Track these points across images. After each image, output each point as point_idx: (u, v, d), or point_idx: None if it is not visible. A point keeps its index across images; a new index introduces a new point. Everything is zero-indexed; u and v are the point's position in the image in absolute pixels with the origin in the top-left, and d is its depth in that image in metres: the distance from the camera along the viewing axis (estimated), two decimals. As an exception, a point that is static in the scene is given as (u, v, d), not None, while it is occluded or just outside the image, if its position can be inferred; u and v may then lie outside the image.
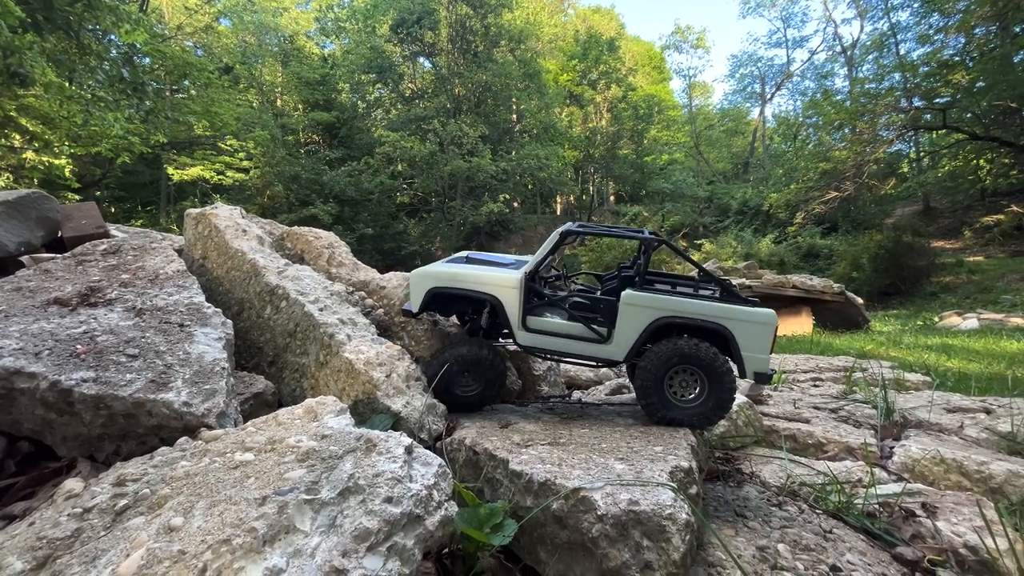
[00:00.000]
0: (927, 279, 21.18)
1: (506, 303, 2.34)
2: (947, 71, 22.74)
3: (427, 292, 2.44)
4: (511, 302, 2.33)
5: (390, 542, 1.12)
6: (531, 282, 2.35)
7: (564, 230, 2.44)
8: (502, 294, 2.34)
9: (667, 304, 2.16)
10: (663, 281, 2.60)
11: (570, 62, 40.67)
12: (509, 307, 2.34)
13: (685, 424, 2.13)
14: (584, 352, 2.31)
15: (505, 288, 2.34)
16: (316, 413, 1.57)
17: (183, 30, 24.93)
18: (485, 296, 2.37)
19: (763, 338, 2.12)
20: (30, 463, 1.75)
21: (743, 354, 2.12)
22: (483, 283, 2.38)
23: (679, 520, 1.28)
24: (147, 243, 2.84)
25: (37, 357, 1.70)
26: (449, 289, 2.42)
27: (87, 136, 12.90)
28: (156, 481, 1.36)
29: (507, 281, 2.34)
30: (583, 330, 2.28)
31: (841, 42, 40.17)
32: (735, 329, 2.11)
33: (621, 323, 2.21)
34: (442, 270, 2.49)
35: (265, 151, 27.34)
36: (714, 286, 2.40)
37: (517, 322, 2.33)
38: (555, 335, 2.32)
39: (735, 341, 2.11)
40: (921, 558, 1.70)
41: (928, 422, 3.10)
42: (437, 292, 2.43)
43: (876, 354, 6.81)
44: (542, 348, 2.35)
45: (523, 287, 2.32)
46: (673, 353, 2.12)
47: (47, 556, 1.15)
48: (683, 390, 2.19)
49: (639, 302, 2.18)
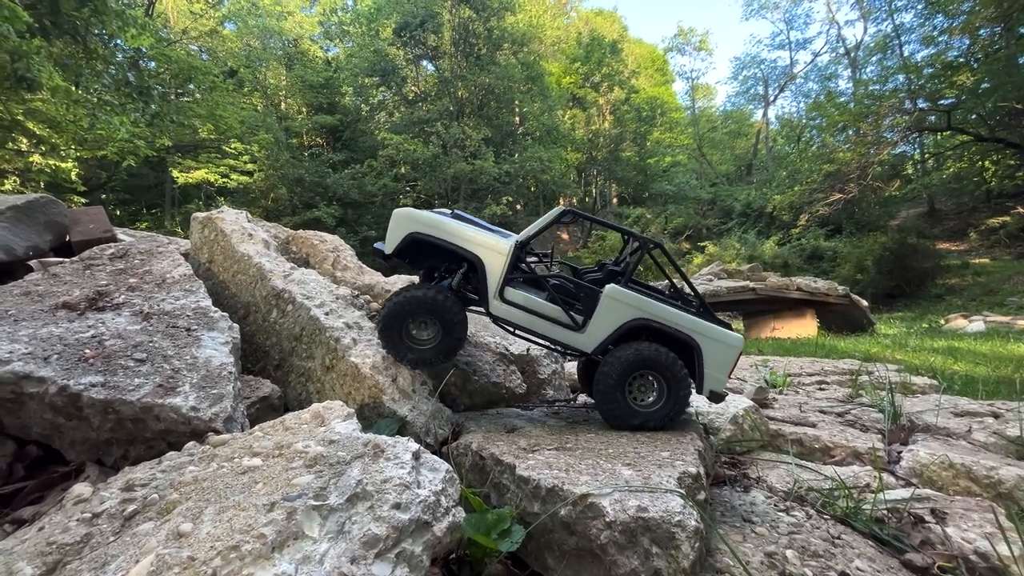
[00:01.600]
0: (932, 281, 21.08)
1: (489, 267, 2.25)
2: (951, 72, 22.67)
3: (406, 235, 2.28)
4: (495, 267, 2.25)
5: (398, 549, 1.12)
6: (520, 252, 2.30)
7: (564, 209, 2.43)
8: (488, 257, 2.25)
9: (647, 306, 2.16)
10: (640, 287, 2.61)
11: (573, 64, 40.76)
12: (491, 272, 2.25)
13: (641, 429, 2.14)
14: (554, 336, 2.26)
15: (492, 252, 2.25)
16: (323, 418, 1.57)
17: (188, 34, 25.13)
18: (468, 255, 2.26)
19: (727, 359, 2.16)
20: (39, 467, 1.76)
21: (705, 370, 2.15)
22: (470, 241, 2.27)
23: (688, 527, 1.27)
24: (154, 247, 2.86)
25: (46, 361, 1.71)
26: (431, 238, 2.27)
27: (93, 140, 13.00)
28: (165, 486, 1.37)
29: (496, 245, 2.26)
30: (560, 313, 2.24)
31: (844, 44, 40.15)
32: (704, 345, 2.14)
33: (599, 315, 2.20)
34: (429, 216, 2.33)
35: (269, 154, 27.48)
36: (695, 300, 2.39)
37: (495, 290, 2.25)
38: (530, 312, 2.25)
39: (701, 356, 2.14)
40: (931, 564, 1.68)
41: (935, 426, 3.07)
42: (417, 238, 2.28)
43: (882, 357, 6.77)
44: (513, 322, 2.28)
45: (511, 255, 2.24)
46: (638, 356, 2.12)
47: (57, 561, 1.16)
48: (641, 394, 2.20)
49: (622, 298, 2.18)
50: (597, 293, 2.22)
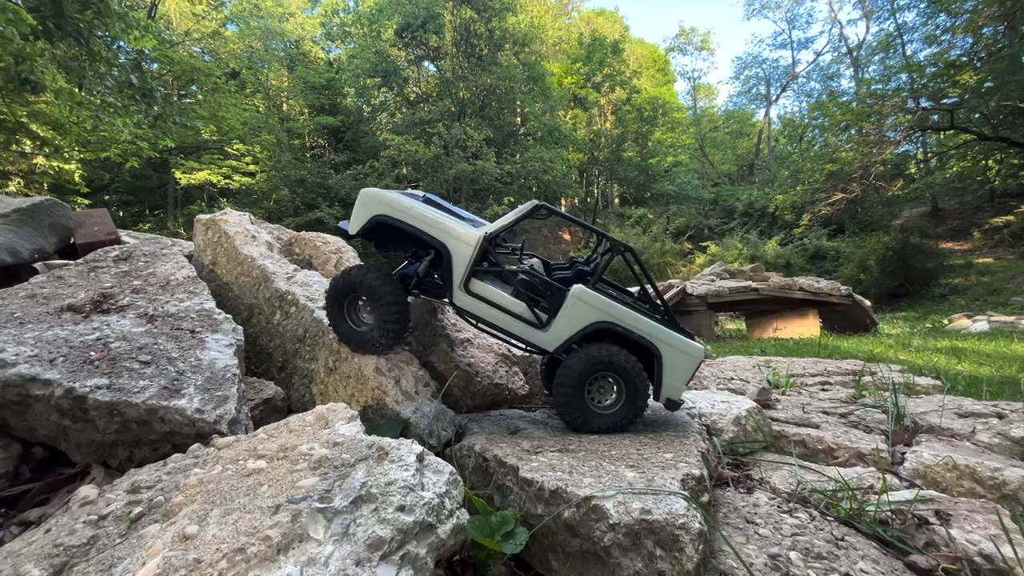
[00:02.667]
0: (936, 281, 21.01)
1: (456, 257, 2.20)
2: (954, 71, 22.60)
3: (372, 217, 2.24)
4: (462, 258, 2.20)
5: (403, 551, 1.13)
6: (489, 244, 2.24)
7: (536, 204, 2.38)
8: (455, 247, 2.20)
9: (612, 310, 2.15)
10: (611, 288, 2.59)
11: (574, 65, 40.74)
12: (458, 262, 2.20)
13: (595, 431, 2.13)
14: (517, 332, 2.23)
15: (460, 241, 2.19)
16: (327, 420, 1.58)
17: (191, 36, 25.21)
18: (435, 242, 2.21)
19: (686, 368, 2.16)
20: (44, 469, 1.77)
21: (664, 378, 2.15)
22: (438, 229, 2.21)
23: (692, 529, 1.27)
24: (158, 249, 2.87)
25: (52, 364, 1.72)
26: (397, 221, 2.22)
27: (96, 141, 13.05)
28: (170, 488, 1.37)
29: (464, 235, 2.21)
30: (524, 310, 2.21)
31: (847, 43, 40.05)
32: (665, 352, 2.13)
33: (563, 315, 2.17)
34: (397, 199, 2.27)
35: (271, 155, 27.55)
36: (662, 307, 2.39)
37: (460, 281, 2.21)
38: (494, 306, 2.22)
39: (661, 364, 2.13)
40: (935, 566, 1.68)
41: (939, 427, 3.06)
42: (383, 221, 2.23)
43: (885, 357, 6.76)
44: (476, 315, 2.25)
45: (479, 247, 2.20)
46: (599, 357, 2.11)
47: (64, 563, 1.16)
48: (600, 396, 2.20)
49: (587, 299, 2.16)
50: (564, 292, 2.20)
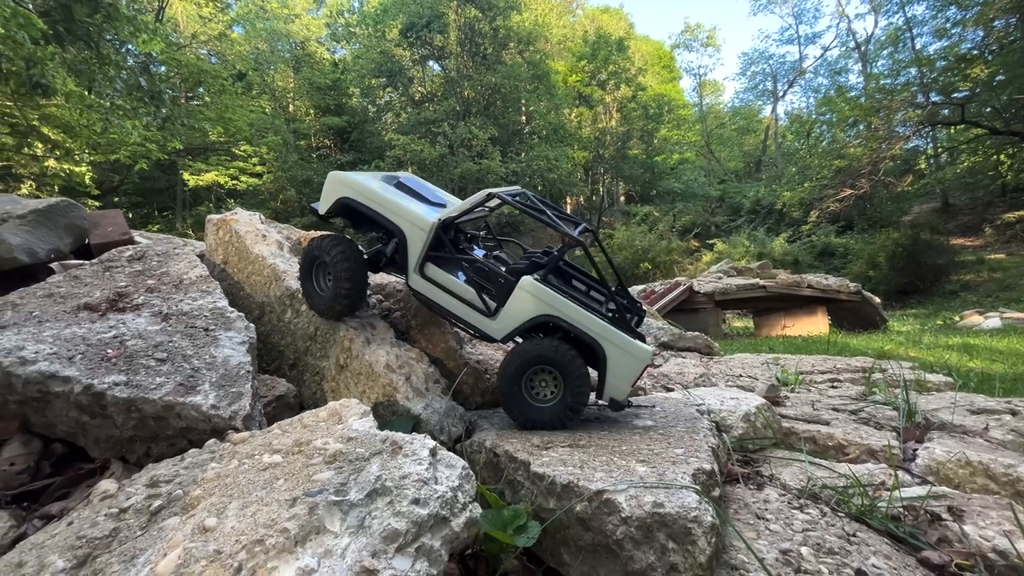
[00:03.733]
0: (946, 277, 20.80)
1: (410, 241, 2.27)
2: (965, 65, 22.32)
3: (337, 199, 2.37)
4: (416, 242, 2.26)
5: (418, 543, 1.14)
6: (443, 231, 2.29)
7: (489, 192, 2.38)
8: (409, 231, 2.26)
9: (556, 303, 2.13)
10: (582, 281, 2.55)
11: (579, 63, 40.66)
12: (412, 246, 2.27)
13: (534, 426, 2.12)
14: (467, 318, 2.27)
15: (413, 226, 2.26)
16: (340, 416, 1.60)
17: (198, 38, 25.44)
18: (390, 225, 2.29)
19: (631, 370, 2.12)
20: (64, 464, 1.81)
21: (607, 377, 2.11)
22: (394, 212, 2.29)
23: (705, 523, 1.28)
24: (170, 249, 2.91)
25: (71, 361, 1.75)
26: (359, 205, 2.33)
27: (106, 144, 13.21)
28: (188, 482, 1.40)
29: (418, 220, 2.27)
30: (474, 296, 2.25)
31: (855, 37, 39.67)
32: (609, 352, 2.09)
33: (511, 305, 2.18)
34: (360, 182, 2.37)
35: (278, 156, 27.76)
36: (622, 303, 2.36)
37: (415, 264, 2.29)
38: (447, 291, 2.27)
39: (605, 363, 2.10)
40: (948, 563, 1.67)
41: (951, 424, 3.04)
42: (347, 203, 2.36)
43: (895, 354, 6.70)
44: (430, 299, 2.32)
45: (432, 232, 2.26)
46: (535, 352, 2.11)
47: (87, 555, 1.19)
48: (542, 389, 2.19)
49: (533, 291, 2.15)
50: (512, 282, 2.20)
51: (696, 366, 4.59)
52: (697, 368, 4.50)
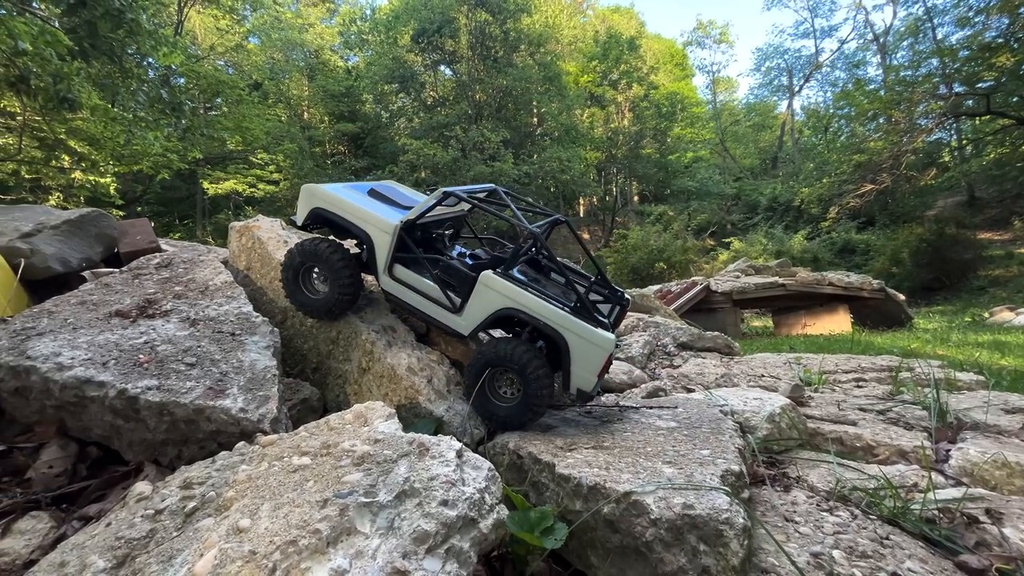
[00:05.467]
0: (974, 273, 20.18)
1: (377, 244, 2.37)
2: (990, 54, 21.64)
3: (311, 210, 2.50)
4: (382, 245, 2.37)
5: (447, 544, 1.15)
6: (407, 232, 2.36)
7: (445, 191, 2.41)
8: (375, 235, 2.37)
9: (516, 296, 2.14)
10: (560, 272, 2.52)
11: (590, 63, 40.52)
12: (379, 249, 2.38)
13: (499, 424, 2.14)
14: (434, 316, 2.33)
15: (378, 230, 2.37)
16: (366, 418, 1.62)
17: (215, 50, 26.02)
18: (358, 231, 2.40)
19: (594, 359, 2.10)
20: (99, 467, 1.86)
21: (572, 368, 2.10)
22: (360, 218, 2.41)
23: (737, 525, 1.26)
24: (195, 256, 2.98)
25: (104, 367, 1.81)
26: (328, 213, 2.46)
27: (130, 155, 13.57)
28: (220, 484, 1.43)
29: (382, 224, 2.37)
30: (439, 294, 2.30)
31: (873, 29, 38.87)
32: (571, 342, 2.08)
33: (474, 299, 2.22)
34: (329, 193, 2.50)
35: (294, 163, 28.19)
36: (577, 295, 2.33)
37: (383, 266, 2.38)
38: (414, 290, 2.35)
39: (568, 353, 2.09)
40: (988, 567, 1.62)
41: (985, 424, 2.95)
42: (319, 213, 2.49)
43: (922, 353, 6.51)
44: (400, 299, 2.39)
45: (396, 234, 2.34)
46: (493, 352, 2.13)
47: (126, 555, 1.22)
48: (506, 388, 2.20)
49: (492, 285, 2.18)
50: (473, 277, 2.24)
51: (717, 366, 4.53)
52: (718, 368, 4.44)
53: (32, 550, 1.46)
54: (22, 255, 2.78)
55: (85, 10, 9.16)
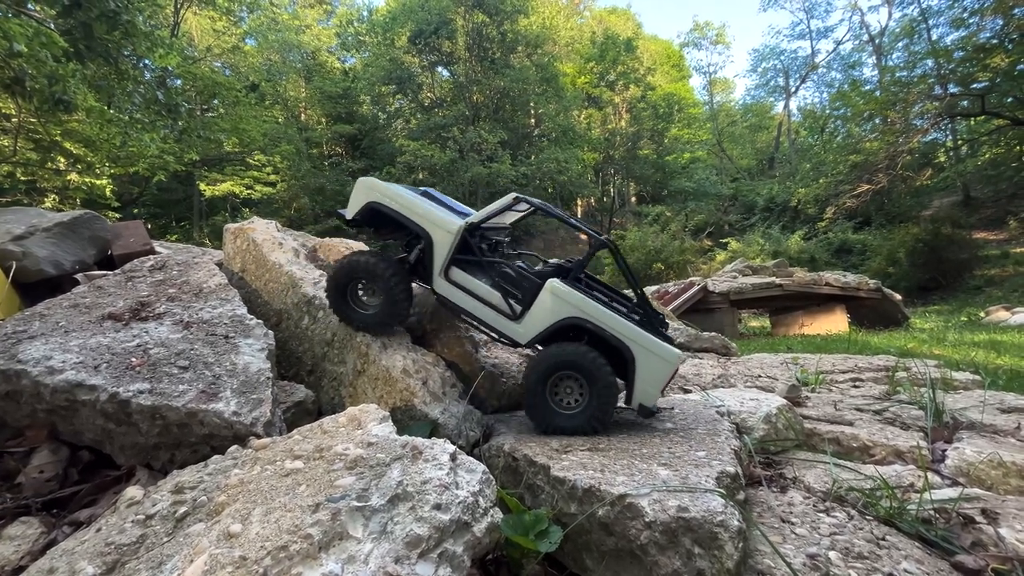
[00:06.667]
0: (970, 273, 20.26)
1: (436, 245, 2.29)
2: (984, 55, 21.75)
3: (366, 203, 2.40)
4: (442, 246, 2.29)
5: (440, 548, 1.14)
6: (469, 234, 2.30)
7: (516, 196, 2.39)
8: (436, 234, 2.29)
9: (584, 305, 2.10)
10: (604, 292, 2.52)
11: (587, 64, 40.59)
12: (438, 250, 2.29)
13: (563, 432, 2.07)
14: (491, 322, 2.26)
15: (441, 230, 2.29)
16: (360, 421, 1.61)
17: (212, 52, 25.98)
18: (418, 228, 2.32)
19: (661, 374, 2.07)
20: (91, 471, 1.84)
21: (636, 382, 2.06)
22: (422, 216, 2.32)
23: (731, 527, 1.26)
24: (190, 258, 2.96)
25: (96, 370, 1.79)
26: (386, 208, 2.36)
27: (126, 157, 13.54)
28: (212, 488, 1.41)
29: (445, 223, 2.29)
30: (499, 300, 2.24)
31: (868, 30, 39.05)
32: (638, 355, 2.05)
33: (537, 307, 2.16)
34: (389, 187, 2.41)
35: (291, 165, 28.15)
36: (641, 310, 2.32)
37: (440, 268, 2.30)
38: (471, 294, 2.28)
39: (634, 366, 2.06)
40: (984, 567, 1.62)
41: (981, 423, 2.95)
42: (374, 207, 2.39)
43: (919, 352, 6.53)
44: (455, 303, 2.32)
45: (459, 236, 2.27)
46: (561, 356, 2.07)
47: (116, 561, 1.21)
48: (566, 396, 2.14)
49: (560, 293, 2.13)
50: (538, 284, 2.19)
51: (714, 367, 4.53)
52: (715, 369, 4.44)
53: (22, 556, 1.45)
54: (14, 258, 2.77)
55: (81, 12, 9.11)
